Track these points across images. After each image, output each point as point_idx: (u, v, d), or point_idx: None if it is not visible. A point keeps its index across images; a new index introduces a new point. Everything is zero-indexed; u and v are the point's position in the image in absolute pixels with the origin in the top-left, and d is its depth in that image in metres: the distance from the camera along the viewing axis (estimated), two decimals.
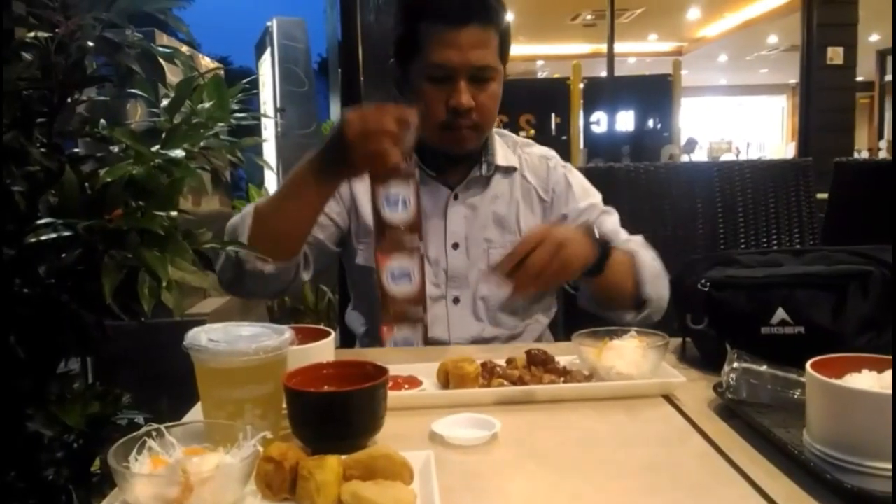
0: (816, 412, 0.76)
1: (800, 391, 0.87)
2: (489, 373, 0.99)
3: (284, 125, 5.43)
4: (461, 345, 1.37)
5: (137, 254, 0.99)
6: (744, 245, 1.81)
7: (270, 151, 5.37)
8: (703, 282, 1.08)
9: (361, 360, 0.86)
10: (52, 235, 0.96)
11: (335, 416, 0.78)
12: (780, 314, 1.03)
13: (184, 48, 1.63)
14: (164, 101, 1.18)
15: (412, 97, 1.33)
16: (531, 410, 0.94)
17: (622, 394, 0.97)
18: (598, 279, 1.26)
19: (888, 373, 0.74)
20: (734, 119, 16.93)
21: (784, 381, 0.90)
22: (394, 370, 0.91)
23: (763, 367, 0.91)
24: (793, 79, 10.63)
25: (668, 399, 0.96)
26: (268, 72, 5.61)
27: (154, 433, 0.68)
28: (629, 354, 0.99)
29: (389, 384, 0.85)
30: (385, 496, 0.64)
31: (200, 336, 0.80)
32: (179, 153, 1.06)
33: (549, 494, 0.71)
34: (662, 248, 1.40)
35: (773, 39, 11.11)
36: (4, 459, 1.04)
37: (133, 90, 1.15)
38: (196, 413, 0.88)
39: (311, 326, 0.97)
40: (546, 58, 12.18)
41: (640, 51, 11.65)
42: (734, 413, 0.88)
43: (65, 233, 0.96)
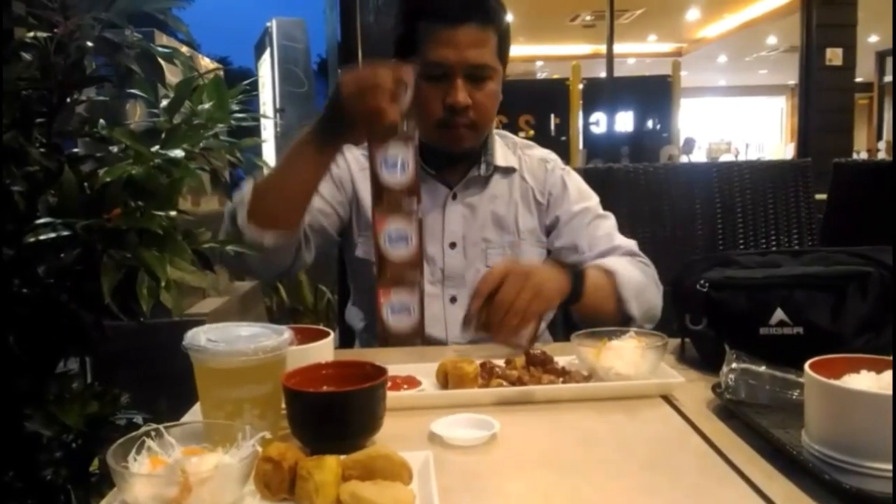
0: (815, 413, 0.76)
1: (798, 392, 0.87)
2: (488, 373, 0.99)
3: (284, 126, 5.43)
4: (459, 344, 1.37)
5: (136, 254, 0.99)
6: (743, 246, 1.81)
7: (270, 152, 5.37)
8: (702, 282, 1.08)
9: (360, 361, 0.86)
10: (52, 235, 0.96)
11: (334, 417, 0.78)
12: (779, 315, 1.03)
13: (183, 48, 1.63)
14: (164, 102, 1.18)
15: (412, 96, 1.33)
16: (530, 411, 0.94)
17: (621, 394, 0.97)
18: (577, 306, 1.25)
19: (887, 373, 0.74)
20: (733, 120, 16.93)
21: (783, 382, 0.90)
22: (393, 370, 0.91)
23: (762, 368, 0.91)
24: (792, 80, 10.61)
25: (667, 399, 0.96)
26: (267, 72, 5.60)
27: (153, 433, 0.68)
28: (628, 355, 0.99)
29: (388, 384, 0.85)
30: (384, 496, 0.64)
31: (199, 336, 0.80)
32: (179, 153, 1.06)
33: (548, 495, 0.71)
34: (661, 249, 1.40)
35: (773, 40, 11.12)
36: (3, 459, 1.04)
37: (132, 90, 1.15)
38: (195, 413, 0.88)
39: (310, 327, 0.97)
40: (545, 58, 12.19)
41: (640, 51, 11.65)
42: (733, 413, 0.88)
43: (64, 232, 0.96)
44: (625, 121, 7.89)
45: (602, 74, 7.70)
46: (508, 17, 1.40)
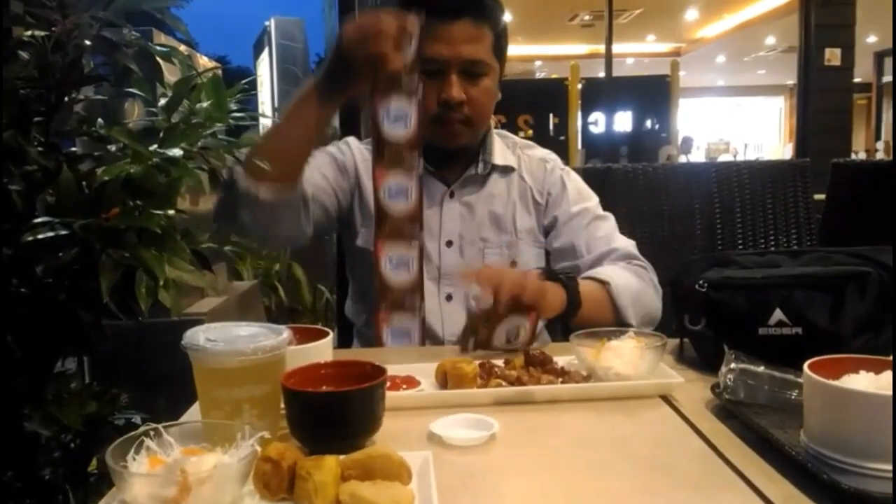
0: (814, 413, 0.76)
1: (797, 392, 0.87)
2: (487, 373, 0.99)
3: None
4: (455, 342, 1.37)
5: (135, 253, 0.98)
6: (741, 246, 1.81)
7: None
8: (701, 282, 1.08)
9: (360, 360, 0.86)
10: (49, 234, 0.95)
11: (333, 416, 0.78)
12: (778, 315, 1.03)
13: (182, 47, 1.62)
14: (162, 101, 1.17)
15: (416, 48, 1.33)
16: (529, 411, 0.94)
17: (620, 394, 0.97)
18: (575, 319, 1.24)
19: (885, 374, 0.74)
20: (732, 120, 16.96)
21: (781, 382, 0.90)
22: (392, 370, 0.91)
23: (760, 368, 0.91)
24: (790, 80, 10.63)
25: (666, 399, 0.96)
26: (266, 71, 5.61)
27: (152, 433, 0.68)
28: (627, 355, 0.99)
29: (387, 384, 0.85)
30: (383, 496, 0.64)
31: (198, 335, 0.80)
32: (177, 152, 1.06)
33: (547, 494, 0.71)
34: (660, 249, 1.40)
35: (771, 40, 11.13)
36: (1, 459, 1.04)
37: (130, 89, 1.15)
38: (194, 413, 0.88)
39: (309, 326, 0.97)
40: (544, 58, 12.20)
41: (639, 51, 11.67)
42: (732, 414, 0.88)
43: (62, 232, 0.96)
44: (623, 121, 7.90)
45: (601, 74, 7.71)
46: (506, 17, 1.40)
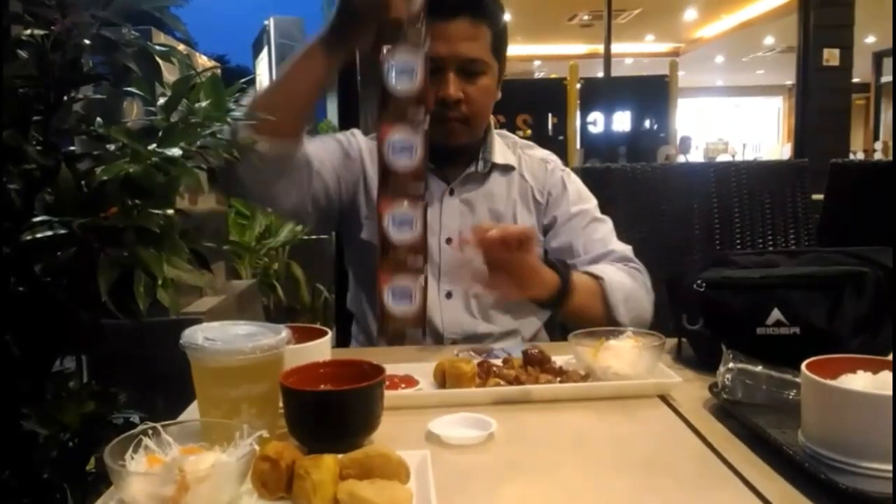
0: (811, 413, 0.76)
1: (795, 392, 0.87)
2: (485, 372, 0.99)
3: None
4: (455, 339, 1.37)
5: (133, 252, 0.98)
6: (739, 246, 1.81)
7: None
8: (699, 282, 1.08)
9: (358, 360, 0.87)
10: (48, 233, 0.95)
11: (331, 416, 0.78)
12: (776, 315, 1.03)
13: (181, 46, 1.62)
14: (161, 100, 1.17)
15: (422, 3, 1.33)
16: (527, 410, 0.94)
17: (618, 394, 0.97)
18: (565, 309, 1.26)
19: (883, 374, 0.75)
20: (730, 120, 16.97)
21: (779, 382, 0.90)
22: (390, 369, 0.91)
23: (758, 368, 0.92)
24: (789, 80, 10.65)
25: (664, 399, 0.96)
26: (265, 70, 5.60)
27: (150, 432, 0.68)
28: (625, 354, 0.99)
29: (386, 383, 0.85)
30: (381, 495, 0.64)
31: (197, 335, 0.80)
32: (176, 152, 1.06)
33: (545, 494, 0.72)
34: (658, 249, 1.40)
35: (770, 40, 11.15)
36: (0, 458, 1.04)
37: (130, 88, 1.15)
38: (192, 412, 0.88)
39: (308, 325, 0.97)
40: (543, 58, 12.20)
41: (637, 51, 11.68)
42: (729, 413, 0.88)
43: (60, 231, 0.96)
44: (622, 120, 7.90)
45: (599, 74, 7.72)
46: (506, 16, 1.40)
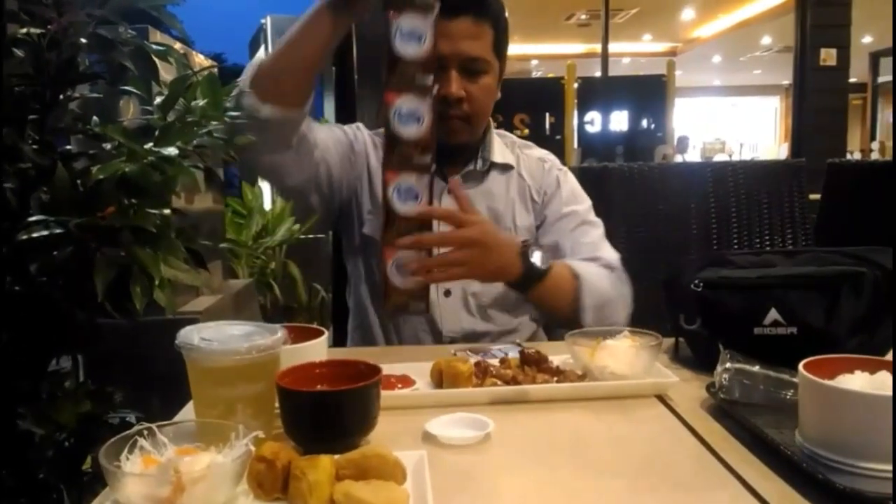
0: (809, 413, 0.76)
1: (792, 392, 0.87)
2: (482, 372, 0.99)
3: None
4: (453, 337, 1.38)
5: (130, 252, 0.98)
6: (737, 245, 1.81)
7: None
8: (697, 282, 1.08)
9: (354, 360, 0.86)
10: (44, 233, 0.95)
11: (328, 416, 0.78)
12: (773, 315, 1.03)
13: (177, 45, 1.62)
14: (158, 99, 1.17)
15: None
16: (524, 410, 0.94)
17: (615, 393, 0.97)
18: (531, 295, 1.27)
19: (880, 374, 0.75)
20: (728, 120, 16.98)
21: (776, 382, 0.90)
22: (387, 369, 0.91)
23: (756, 368, 0.92)
24: (786, 80, 10.65)
25: (661, 399, 0.96)
26: None
27: (145, 432, 0.68)
28: (622, 354, 0.99)
29: (382, 383, 0.84)
30: (378, 496, 0.64)
31: (192, 335, 0.80)
32: (173, 151, 1.06)
33: (542, 494, 0.72)
34: (655, 248, 1.40)
35: (767, 40, 11.16)
36: None
37: (126, 87, 1.15)
38: (188, 412, 0.88)
39: (304, 325, 0.97)
40: (540, 57, 12.20)
41: (635, 51, 11.68)
42: (727, 413, 0.88)
43: (57, 230, 0.96)
44: (619, 120, 7.91)
45: (597, 74, 7.72)
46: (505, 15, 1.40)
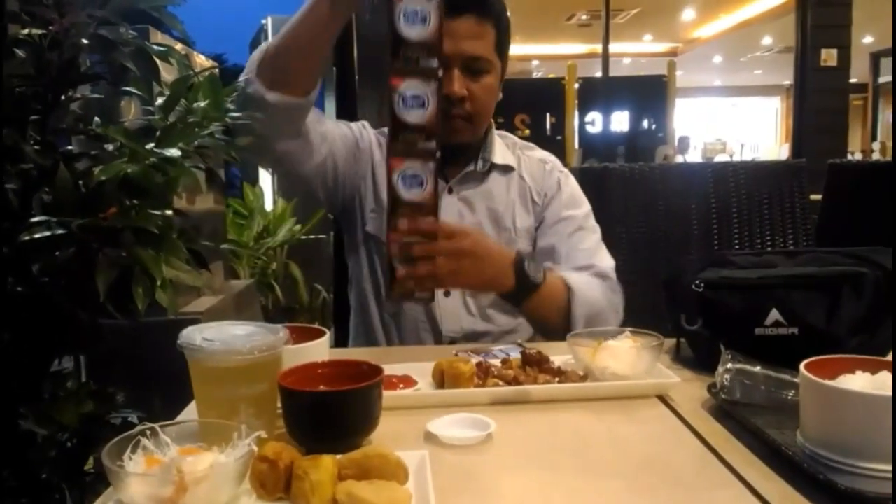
0: (810, 413, 0.76)
1: (793, 392, 0.87)
2: (484, 372, 0.99)
3: None
4: (453, 337, 1.38)
5: (132, 252, 0.98)
6: (738, 246, 1.81)
7: None
8: (698, 282, 1.08)
9: (356, 360, 0.86)
10: (46, 234, 0.95)
11: (330, 416, 0.78)
12: (774, 315, 1.03)
13: (178, 46, 1.62)
14: (159, 100, 1.17)
15: None
16: (526, 410, 0.94)
17: (617, 394, 0.97)
18: (523, 308, 1.27)
19: (881, 374, 0.75)
20: (728, 120, 16.97)
21: (778, 382, 0.90)
22: (389, 370, 0.91)
23: (757, 368, 0.92)
24: (787, 80, 10.65)
25: (663, 399, 0.97)
26: None
27: (148, 432, 0.68)
28: (624, 355, 0.99)
29: (384, 384, 0.85)
30: (380, 496, 0.64)
31: (195, 335, 0.80)
32: (174, 152, 1.06)
33: (544, 494, 0.72)
34: (656, 249, 1.40)
35: (768, 41, 11.15)
36: None
37: (127, 88, 1.15)
38: (190, 412, 0.88)
39: (306, 326, 0.97)
40: (541, 58, 12.19)
41: (636, 51, 11.67)
42: (728, 414, 0.88)
43: (59, 231, 0.96)
44: (620, 120, 7.92)
45: (598, 74, 7.71)
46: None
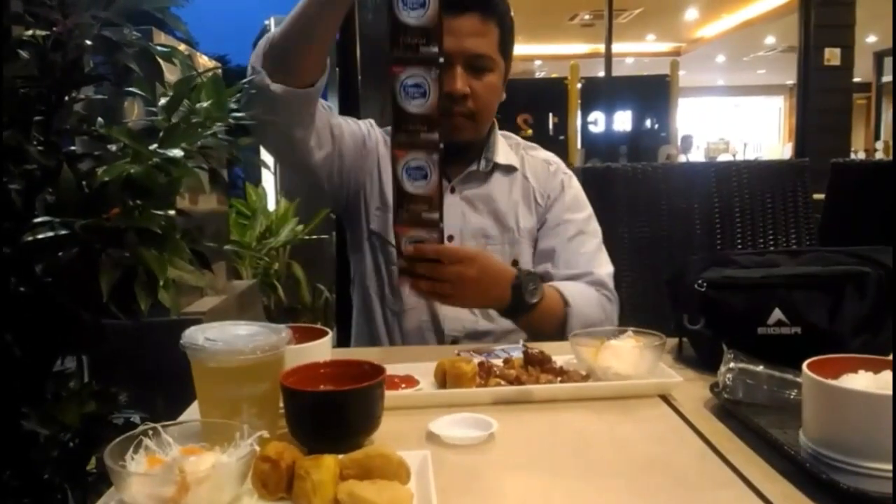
0: (812, 413, 0.76)
1: (796, 391, 0.87)
2: (486, 372, 0.99)
3: None
4: (456, 337, 1.38)
5: (135, 253, 0.99)
6: (740, 245, 1.81)
7: None
8: (700, 282, 1.08)
9: (358, 360, 0.87)
10: (50, 234, 0.96)
11: (332, 416, 0.78)
12: (777, 314, 1.03)
13: (182, 46, 1.62)
14: (162, 100, 1.17)
15: None
16: (528, 410, 0.94)
17: (619, 394, 0.97)
18: (521, 322, 1.28)
19: (884, 373, 0.74)
20: (731, 120, 16.95)
21: (780, 382, 0.90)
22: (391, 369, 0.91)
23: (759, 368, 0.92)
24: (790, 79, 10.64)
25: (665, 399, 0.96)
26: None
27: (150, 432, 0.68)
28: (626, 354, 0.99)
29: (386, 383, 0.85)
30: (382, 496, 0.64)
31: (197, 335, 0.80)
32: (178, 152, 1.06)
33: (546, 494, 0.72)
34: (659, 248, 1.39)
35: (771, 40, 11.13)
36: (0, 458, 1.04)
37: (131, 89, 1.15)
38: (193, 412, 0.88)
39: (308, 326, 0.98)
40: (544, 57, 12.19)
41: (638, 51, 11.66)
42: (730, 413, 0.88)
43: (62, 231, 0.96)
44: (623, 120, 7.90)
45: (600, 74, 7.70)
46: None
